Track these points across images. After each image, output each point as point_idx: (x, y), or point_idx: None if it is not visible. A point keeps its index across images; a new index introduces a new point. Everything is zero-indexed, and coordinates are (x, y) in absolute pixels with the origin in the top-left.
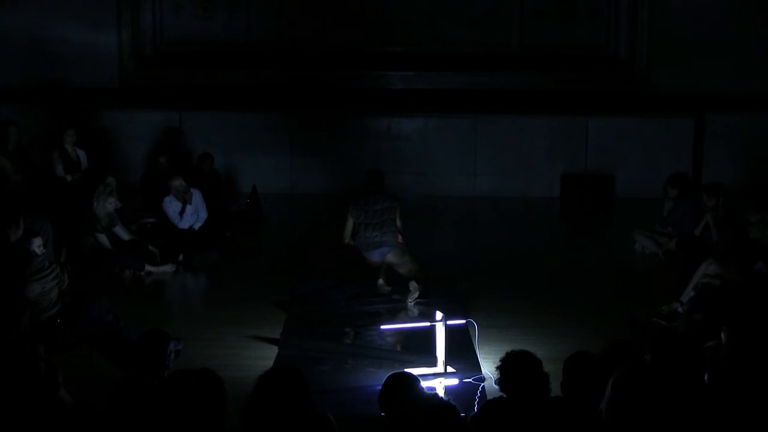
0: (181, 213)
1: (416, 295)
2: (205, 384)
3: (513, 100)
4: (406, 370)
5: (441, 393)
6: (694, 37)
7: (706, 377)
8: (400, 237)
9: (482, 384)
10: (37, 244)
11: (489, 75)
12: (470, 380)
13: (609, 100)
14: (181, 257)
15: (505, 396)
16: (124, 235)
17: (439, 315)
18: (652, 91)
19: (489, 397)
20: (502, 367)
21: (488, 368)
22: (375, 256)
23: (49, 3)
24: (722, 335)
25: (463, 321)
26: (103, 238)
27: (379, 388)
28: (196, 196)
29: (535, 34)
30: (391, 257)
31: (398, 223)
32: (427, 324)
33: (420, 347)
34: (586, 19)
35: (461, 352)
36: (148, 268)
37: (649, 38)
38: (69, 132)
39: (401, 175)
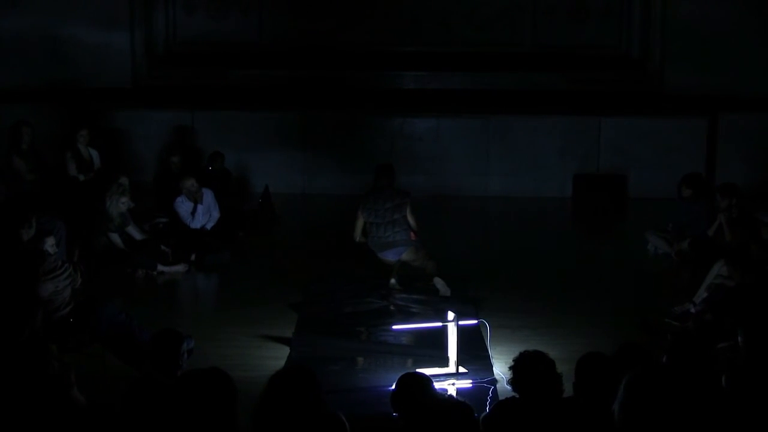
0: (193, 213)
1: (449, 292)
2: (216, 384)
3: (525, 100)
4: (418, 370)
5: (453, 394)
6: (708, 36)
7: (723, 379)
8: (413, 234)
9: (492, 387)
10: (49, 244)
11: (501, 75)
12: (482, 382)
13: (622, 100)
14: (193, 257)
15: (517, 396)
16: (137, 235)
17: (450, 315)
18: (665, 91)
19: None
20: (516, 367)
21: (500, 369)
22: (389, 256)
23: (63, 3)
24: (739, 337)
25: (475, 321)
26: (115, 238)
27: (392, 387)
28: (208, 196)
29: (547, 34)
30: (406, 256)
31: (410, 218)
32: (439, 324)
33: (432, 347)
34: (598, 19)
35: (473, 353)
36: (161, 267)
37: (662, 38)
38: (82, 132)
39: (414, 175)
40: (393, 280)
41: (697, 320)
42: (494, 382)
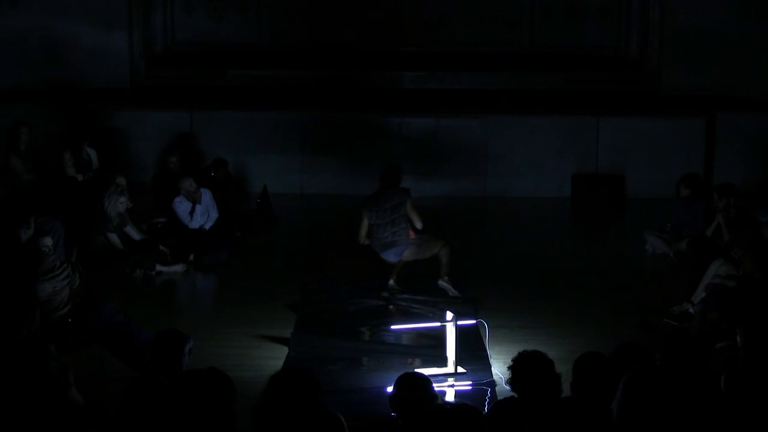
0: (191, 213)
1: (457, 292)
2: (214, 384)
3: (524, 100)
4: (416, 370)
5: (451, 397)
6: (705, 36)
7: (722, 379)
8: (412, 233)
9: (490, 389)
10: (44, 243)
11: (500, 75)
12: (481, 384)
13: (620, 100)
14: (191, 257)
15: (516, 396)
16: (135, 235)
17: (449, 315)
18: (663, 91)
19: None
20: (514, 367)
21: (499, 369)
22: (390, 256)
23: (61, 3)
24: (738, 337)
25: (474, 321)
26: (114, 238)
27: (390, 388)
28: (206, 196)
29: (545, 34)
30: (407, 255)
31: (412, 215)
32: (438, 324)
33: (431, 347)
34: (596, 19)
35: (472, 353)
36: (159, 267)
37: (660, 38)
38: (83, 143)
39: (412, 175)
40: (392, 281)
41: (697, 320)
42: (493, 384)
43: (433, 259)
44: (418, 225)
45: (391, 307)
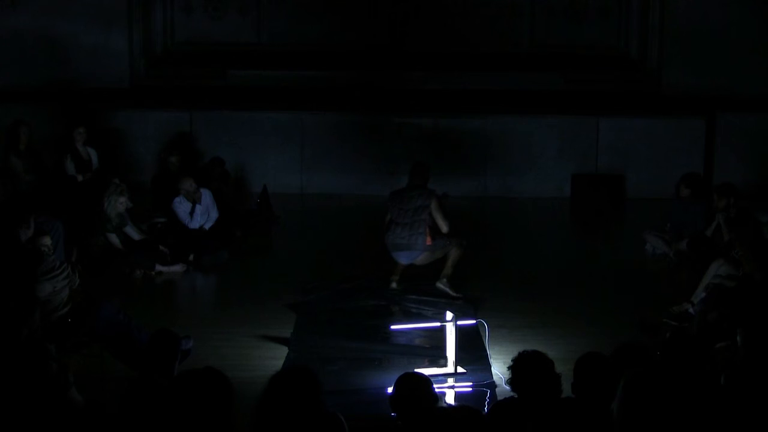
0: (191, 213)
1: (456, 294)
2: (212, 383)
3: (524, 100)
4: (416, 370)
5: (451, 398)
6: (705, 36)
7: (722, 379)
8: (428, 239)
9: (489, 390)
10: (44, 243)
11: (500, 75)
12: (481, 385)
13: (620, 100)
14: (191, 257)
15: (516, 396)
16: (135, 235)
17: (449, 315)
18: (662, 91)
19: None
20: (515, 367)
21: (499, 369)
22: (402, 258)
23: (61, 3)
24: (738, 337)
25: (474, 321)
26: (113, 238)
27: (390, 388)
28: (206, 196)
29: (545, 35)
30: (420, 261)
31: (437, 217)
32: (438, 324)
33: (432, 347)
34: (597, 19)
35: (472, 353)
36: (159, 267)
37: (660, 38)
38: (79, 130)
39: None
40: (394, 283)
41: (697, 320)
42: (493, 385)
43: (441, 259)
44: (444, 228)
45: (391, 307)
